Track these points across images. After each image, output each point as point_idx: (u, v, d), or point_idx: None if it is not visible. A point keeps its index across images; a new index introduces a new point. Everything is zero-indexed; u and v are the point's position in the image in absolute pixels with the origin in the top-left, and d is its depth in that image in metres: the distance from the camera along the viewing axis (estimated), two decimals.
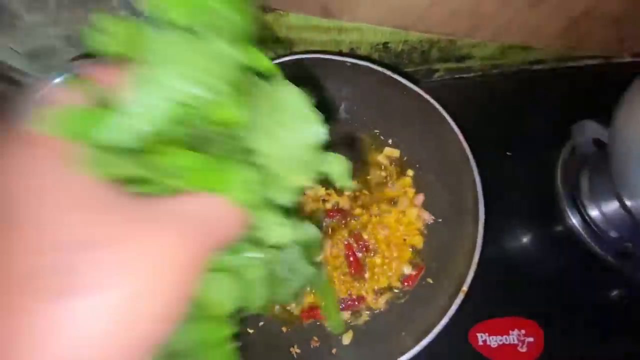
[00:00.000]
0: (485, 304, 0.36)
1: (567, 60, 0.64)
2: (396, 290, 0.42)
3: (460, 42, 0.59)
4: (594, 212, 0.46)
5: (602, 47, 0.59)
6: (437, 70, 0.67)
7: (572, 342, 0.43)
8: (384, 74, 0.42)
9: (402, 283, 0.43)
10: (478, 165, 0.40)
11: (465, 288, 0.33)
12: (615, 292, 0.45)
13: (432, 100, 0.40)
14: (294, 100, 0.22)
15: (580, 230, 0.45)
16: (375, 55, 0.63)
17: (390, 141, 0.54)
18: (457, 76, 0.67)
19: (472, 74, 0.67)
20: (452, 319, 0.35)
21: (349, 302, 0.44)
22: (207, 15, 0.20)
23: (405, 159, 0.53)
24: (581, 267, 0.45)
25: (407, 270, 0.43)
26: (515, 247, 0.47)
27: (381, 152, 0.55)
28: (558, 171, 0.47)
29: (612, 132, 0.37)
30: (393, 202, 0.51)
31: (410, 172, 0.52)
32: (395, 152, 0.54)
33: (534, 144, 0.51)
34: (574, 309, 0.44)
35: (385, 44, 0.60)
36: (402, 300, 0.41)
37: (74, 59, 0.66)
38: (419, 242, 0.44)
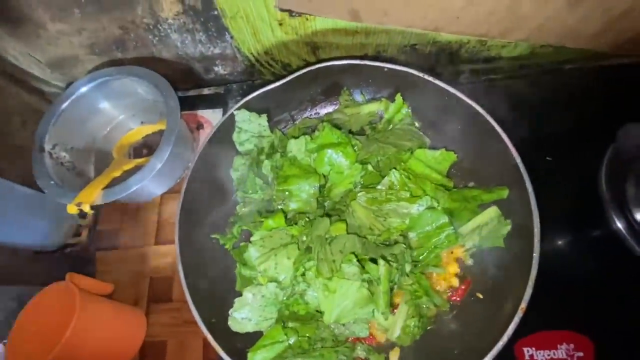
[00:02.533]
0: (532, 316, 0.35)
1: (597, 60, 0.62)
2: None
3: (490, 43, 0.58)
4: None
5: (634, 47, 0.56)
6: (463, 72, 0.65)
7: (624, 356, 0.41)
8: (423, 79, 0.41)
9: (450, 297, 0.41)
10: None
11: (523, 305, 0.32)
12: None
13: (475, 105, 0.39)
14: None
15: (627, 235, 0.43)
16: (402, 58, 0.61)
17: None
18: (483, 77, 0.65)
19: (499, 75, 0.65)
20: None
21: None
22: None
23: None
24: (629, 275, 0.43)
25: (454, 282, 0.42)
26: (559, 255, 0.45)
27: None
28: (602, 175, 0.45)
29: None
30: None
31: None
32: None
33: (574, 147, 0.49)
34: (624, 320, 0.42)
35: (413, 46, 0.58)
36: (450, 316, 0.40)
37: (95, 68, 0.66)
38: (464, 254, 0.42)
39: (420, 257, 0.38)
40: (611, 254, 0.45)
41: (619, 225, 0.44)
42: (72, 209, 0.50)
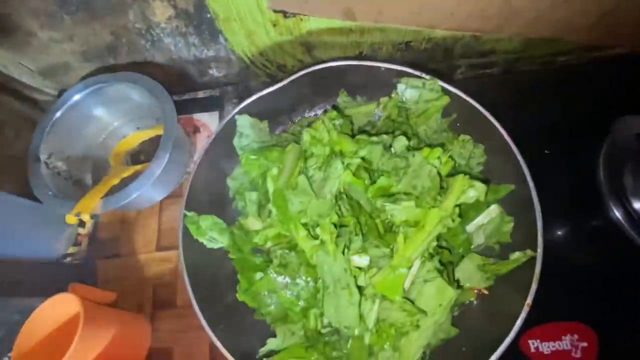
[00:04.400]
0: (536, 308, 0.35)
1: (592, 51, 0.62)
2: None
3: (485, 38, 0.58)
4: (638, 205, 0.45)
5: (630, 39, 0.57)
6: (459, 67, 0.66)
7: (628, 344, 0.41)
8: (420, 77, 0.40)
9: None
10: None
11: (529, 301, 0.32)
12: None
13: (474, 102, 0.39)
14: None
15: (626, 225, 0.44)
16: (397, 55, 0.61)
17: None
18: (480, 72, 0.66)
19: (495, 69, 0.65)
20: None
21: None
22: None
23: None
24: (628, 265, 0.44)
25: None
26: (561, 247, 0.45)
27: None
28: (600, 167, 0.45)
29: None
30: None
31: None
32: None
33: (572, 140, 0.50)
34: (625, 308, 0.43)
35: (407, 43, 0.58)
36: (456, 313, 0.40)
37: (88, 75, 0.65)
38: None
39: None
40: (611, 244, 0.45)
41: (618, 215, 0.44)
42: (71, 219, 0.50)
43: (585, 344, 0.41)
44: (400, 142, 0.37)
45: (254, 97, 0.44)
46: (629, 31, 0.53)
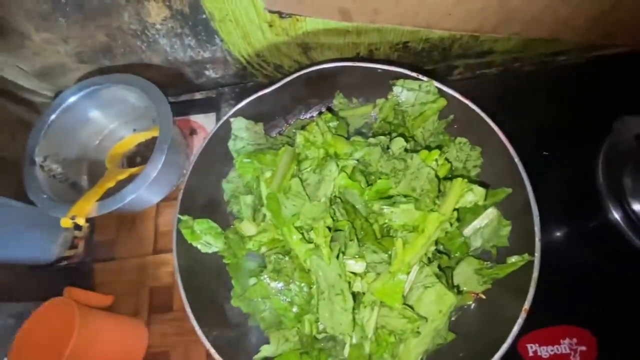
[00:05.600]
0: (534, 312, 0.35)
1: (591, 50, 0.61)
2: None
3: (483, 37, 0.57)
4: (638, 207, 0.44)
5: (629, 38, 0.56)
6: (456, 67, 0.65)
7: (627, 348, 0.41)
8: (417, 78, 0.40)
9: None
10: None
11: (526, 306, 0.32)
12: None
13: (470, 104, 0.38)
14: None
15: (625, 226, 0.43)
16: (395, 56, 0.61)
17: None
18: (478, 72, 0.65)
19: (493, 69, 0.65)
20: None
21: None
22: None
23: None
24: (627, 267, 0.44)
25: None
26: (559, 249, 0.45)
27: None
28: (599, 168, 0.45)
29: None
30: None
31: None
32: None
33: (571, 141, 0.49)
34: (624, 311, 0.42)
35: (405, 44, 0.58)
36: (454, 318, 0.40)
37: (84, 76, 0.64)
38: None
39: None
40: (610, 246, 0.45)
41: (617, 217, 0.44)
42: (66, 223, 0.50)
43: (584, 348, 0.41)
44: (398, 144, 0.37)
45: (248, 100, 0.44)
46: (627, 30, 0.53)
